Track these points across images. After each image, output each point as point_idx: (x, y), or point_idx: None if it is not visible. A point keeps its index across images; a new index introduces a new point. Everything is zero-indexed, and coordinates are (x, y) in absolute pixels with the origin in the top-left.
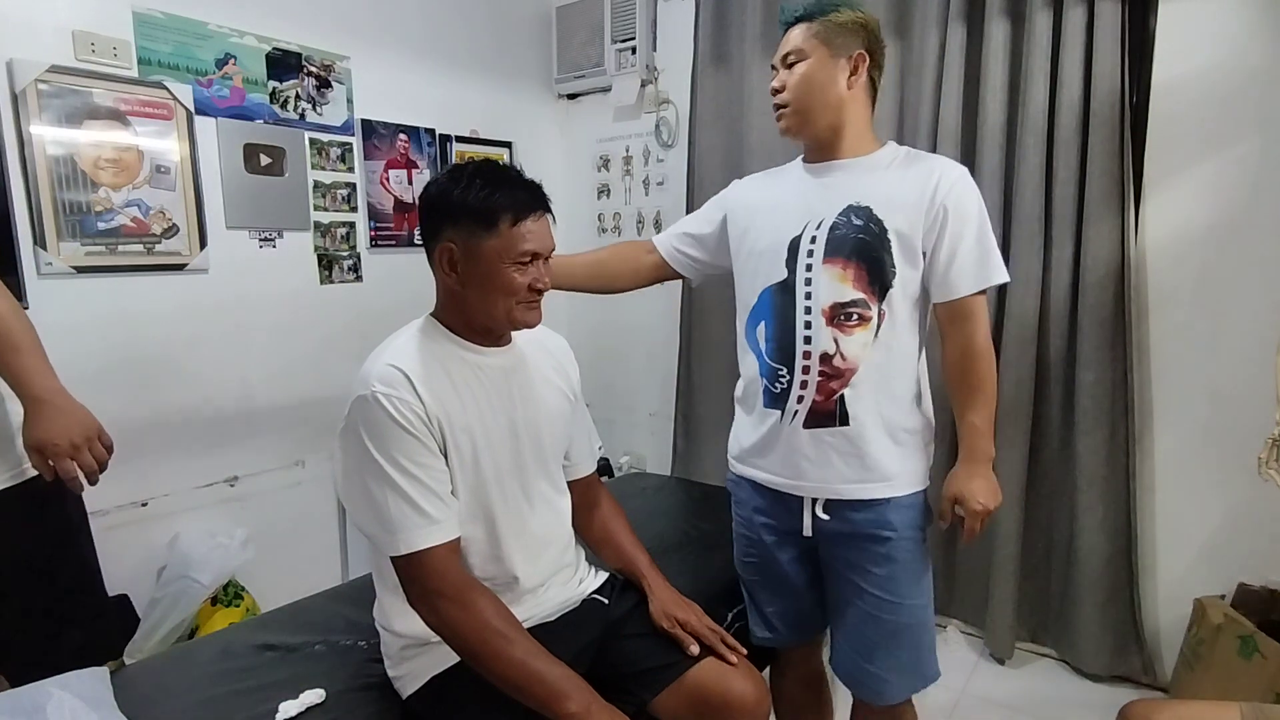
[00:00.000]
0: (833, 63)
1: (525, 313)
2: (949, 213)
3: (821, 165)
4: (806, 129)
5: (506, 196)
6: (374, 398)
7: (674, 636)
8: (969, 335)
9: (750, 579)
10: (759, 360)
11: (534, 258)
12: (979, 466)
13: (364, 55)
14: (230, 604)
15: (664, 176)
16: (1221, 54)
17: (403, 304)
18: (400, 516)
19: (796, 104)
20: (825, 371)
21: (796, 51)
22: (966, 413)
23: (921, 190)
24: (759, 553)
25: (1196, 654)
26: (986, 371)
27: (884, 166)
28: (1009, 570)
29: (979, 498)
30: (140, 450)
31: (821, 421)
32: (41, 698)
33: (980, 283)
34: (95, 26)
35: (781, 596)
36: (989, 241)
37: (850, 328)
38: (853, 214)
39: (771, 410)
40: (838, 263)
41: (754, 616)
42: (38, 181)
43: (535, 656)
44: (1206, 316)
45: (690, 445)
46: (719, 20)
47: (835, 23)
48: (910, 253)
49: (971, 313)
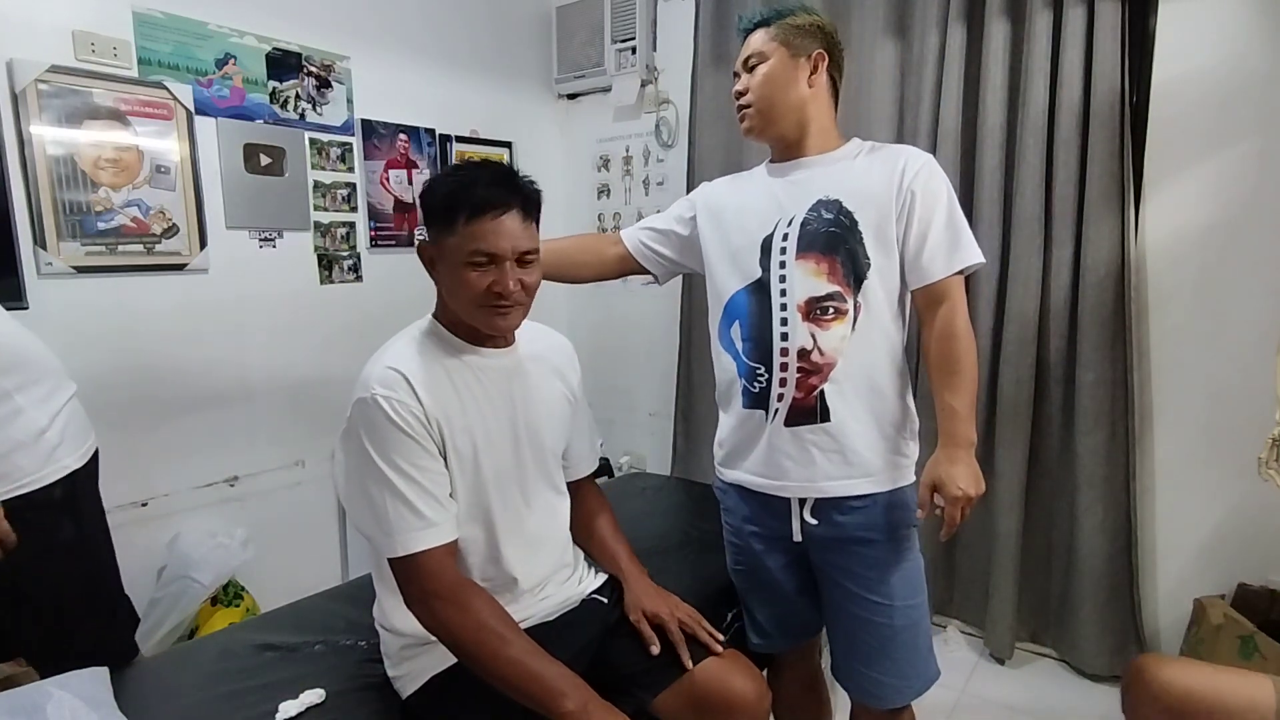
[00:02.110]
0: (793, 63)
1: (489, 317)
2: (916, 197)
3: (788, 164)
4: (770, 129)
5: (467, 193)
6: (373, 400)
7: (639, 631)
8: (946, 318)
9: (742, 586)
10: (736, 360)
11: (492, 259)
12: (959, 451)
13: (364, 55)
14: (230, 604)
15: (664, 176)
16: (1221, 54)
17: (403, 304)
18: (397, 518)
19: (760, 104)
20: (804, 367)
21: (757, 54)
22: (945, 395)
23: (889, 178)
24: (748, 560)
25: (1196, 654)
26: (965, 353)
27: (849, 159)
28: (1009, 570)
29: (959, 483)
30: (140, 450)
31: (802, 419)
32: (41, 698)
33: (953, 265)
34: (95, 26)
35: (773, 603)
36: (959, 223)
37: (827, 322)
38: (823, 208)
39: (752, 410)
40: (811, 257)
41: (748, 622)
42: (38, 181)
43: (531, 655)
44: (1206, 316)
45: (690, 445)
46: (719, 20)
47: (793, 25)
48: (884, 242)
49: (947, 295)
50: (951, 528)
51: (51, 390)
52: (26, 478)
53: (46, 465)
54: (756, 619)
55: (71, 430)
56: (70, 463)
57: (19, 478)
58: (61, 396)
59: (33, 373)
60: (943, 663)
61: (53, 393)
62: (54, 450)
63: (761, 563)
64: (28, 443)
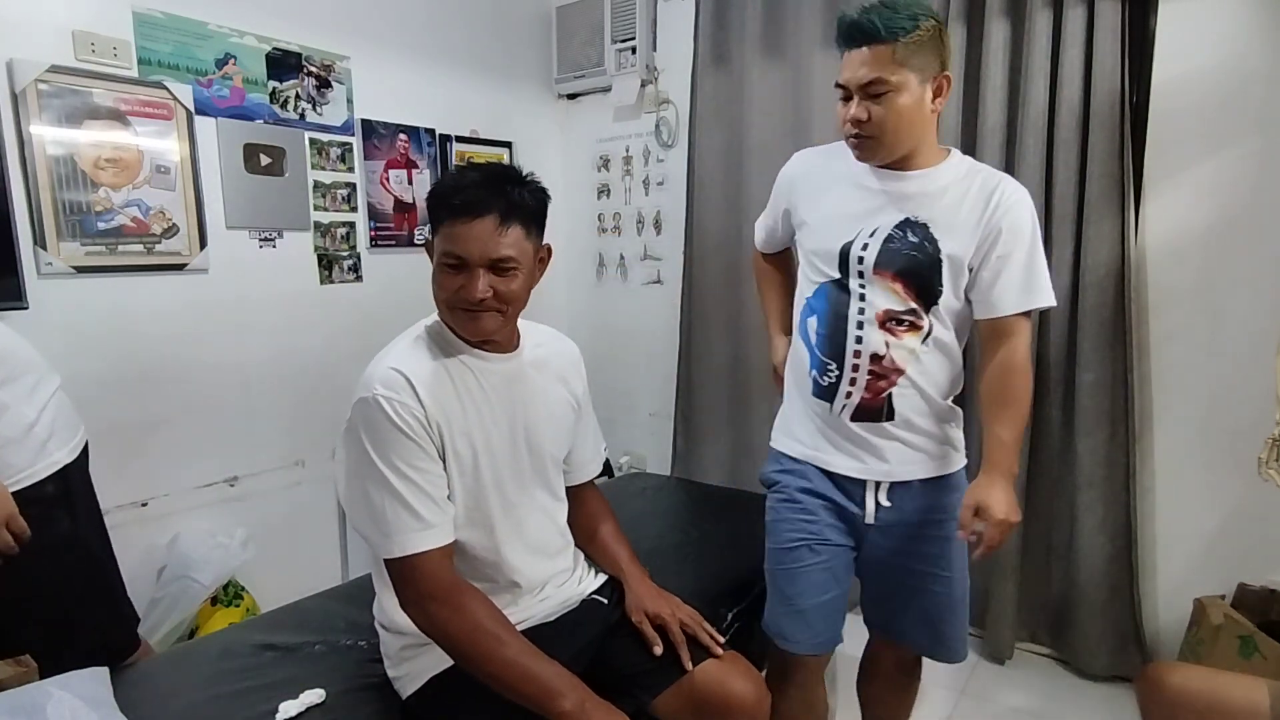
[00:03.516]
0: (920, 90)
1: (461, 320)
2: (1001, 233)
3: (888, 172)
4: (887, 155)
5: (450, 195)
6: (375, 400)
7: (640, 632)
8: (1008, 352)
9: (794, 568)
10: (809, 352)
11: (462, 262)
12: (1003, 480)
13: (364, 55)
14: (230, 604)
15: (664, 176)
16: (1221, 54)
17: (403, 304)
18: (395, 519)
19: (887, 137)
20: (874, 371)
21: (882, 83)
22: (996, 426)
23: (980, 213)
24: (811, 537)
25: (1196, 654)
26: (1023, 389)
27: (948, 182)
28: (1009, 570)
29: (1002, 508)
30: (140, 450)
31: (869, 416)
32: (41, 698)
33: (1023, 304)
34: (95, 26)
35: (827, 587)
36: (1038, 264)
37: (901, 332)
38: (909, 229)
39: (820, 401)
40: (888, 275)
41: (786, 616)
42: (38, 181)
43: (528, 656)
44: (1206, 316)
45: (690, 445)
46: (719, 20)
47: (918, 42)
48: (957, 271)
49: (1012, 331)
50: (990, 550)
51: (36, 384)
52: (18, 474)
53: (38, 460)
54: (801, 609)
55: (60, 423)
56: (61, 457)
57: (10, 474)
58: (47, 390)
59: (14, 368)
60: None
61: (37, 386)
62: (44, 445)
63: (827, 539)
64: (16, 438)
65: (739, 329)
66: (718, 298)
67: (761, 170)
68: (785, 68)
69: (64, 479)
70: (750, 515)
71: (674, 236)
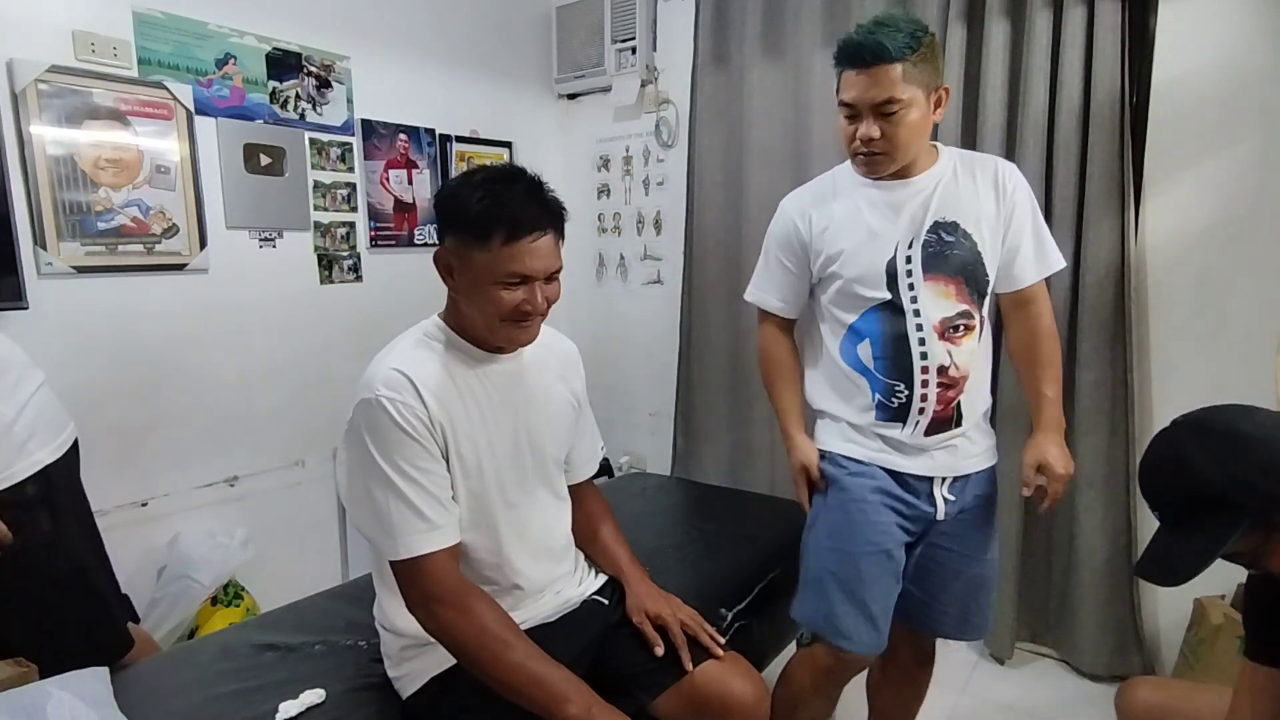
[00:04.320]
0: (927, 103)
1: (512, 331)
2: (1015, 208)
3: (893, 183)
4: (894, 168)
5: (504, 211)
6: (378, 401)
7: (642, 633)
8: (1035, 317)
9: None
10: (868, 377)
11: (525, 279)
12: (1056, 434)
13: (364, 55)
14: (230, 604)
15: (664, 176)
16: (1221, 54)
17: (403, 304)
18: (401, 521)
19: (896, 152)
20: (943, 383)
21: (895, 102)
22: (1038, 385)
23: (996, 197)
24: (882, 539)
25: (1196, 654)
26: (1054, 349)
27: (951, 178)
28: (1009, 570)
29: (1063, 462)
30: (140, 450)
31: (941, 428)
32: (41, 698)
33: (1042, 271)
34: (95, 26)
35: (895, 590)
36: (1044, 230)
37: (959, 339)
38: (942, 231)
39: (890, 424)
40: (939, 279)
41: (853, 618)
42: (38, 181)
43: (534, 660)
44: (1206, 316)
45: (690, 445)
46: (719, 20)
47: (922, 58)
48: (995, 257)
49: (1034, 297)
50: (1054, 502)
51: (15, 382)
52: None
53: (16, 461)
54: (870, 611)
55: (42, 422)
56: (43, 457)
57: None
58: (28, 388)
59: None
60: (943, 662)
61: (18, 384)
62: (24, 444)
63: (897, 540)
64: None
65: (739, 329)
66: (718, 298)
67: (761, 170)
68: (785, 68)
69: (46, 479)
70: (750, 515)
71: (674, 236)
